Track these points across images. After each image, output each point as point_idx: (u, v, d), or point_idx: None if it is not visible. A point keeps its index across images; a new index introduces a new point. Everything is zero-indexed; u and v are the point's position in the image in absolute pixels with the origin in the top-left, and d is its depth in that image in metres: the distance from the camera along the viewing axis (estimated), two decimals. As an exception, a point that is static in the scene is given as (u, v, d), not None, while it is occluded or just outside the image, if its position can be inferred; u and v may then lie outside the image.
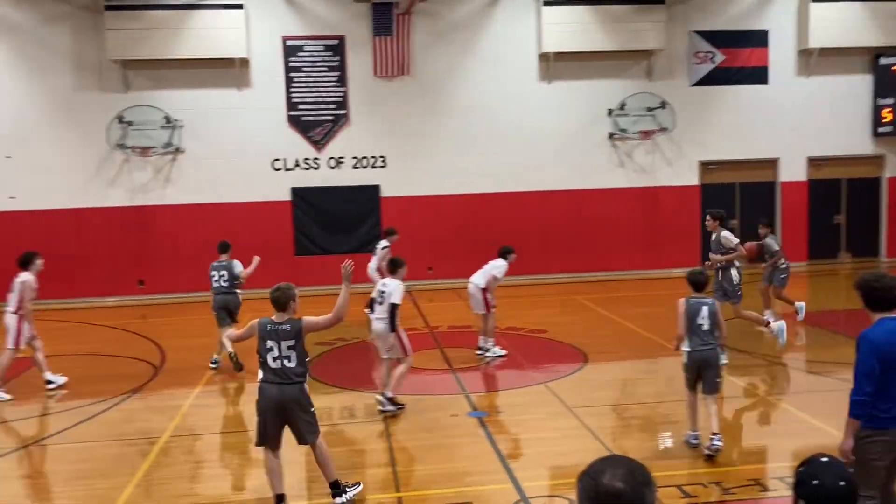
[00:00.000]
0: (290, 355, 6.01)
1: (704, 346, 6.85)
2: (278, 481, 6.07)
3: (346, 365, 11.20)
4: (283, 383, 5.97)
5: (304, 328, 6.13)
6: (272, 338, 6.03)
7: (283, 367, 6.00)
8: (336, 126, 17.56)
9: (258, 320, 6.21)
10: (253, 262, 11.55)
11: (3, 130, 16.47)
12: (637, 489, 2.12)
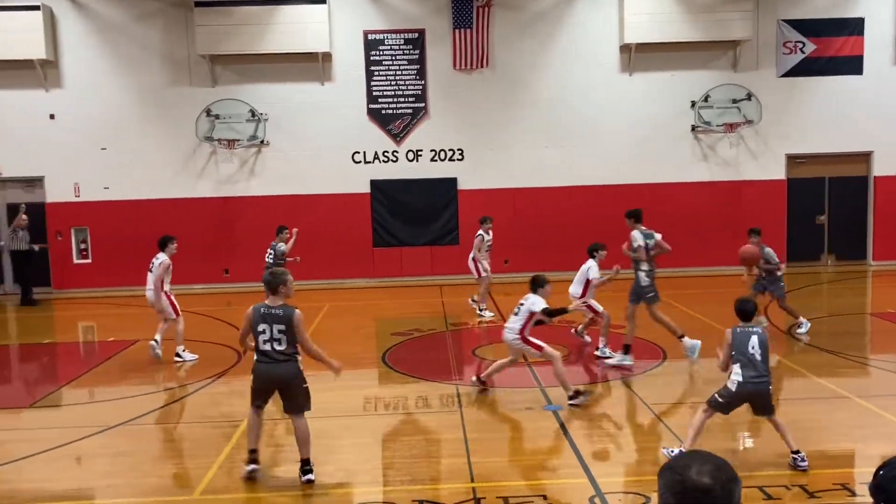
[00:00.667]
0: (280, 338, 6.29)
1: (759, 379, 6.37)
2: (255, 438, 6.59)
3: (422, 355, 11.31)
4: (273, 361, 6.33)
5: (295, 323, 6.35)
6: (265, 321, 6.31)
7: (273, 350, 6.31)
8: (415, 119, 17.71)
9: (252, 307, 6.49)
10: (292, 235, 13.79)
11: (100, 124, 17.24)
12: (725, 485, 2.05)
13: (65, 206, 17.48)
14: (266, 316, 6.33)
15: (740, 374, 6.36)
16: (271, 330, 6.29)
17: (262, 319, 6.32)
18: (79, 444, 7.50)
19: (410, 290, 16.90)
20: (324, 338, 12.23)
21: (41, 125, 17.14)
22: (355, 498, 6.26)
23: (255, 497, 6.29)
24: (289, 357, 6.38)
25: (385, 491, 6.41)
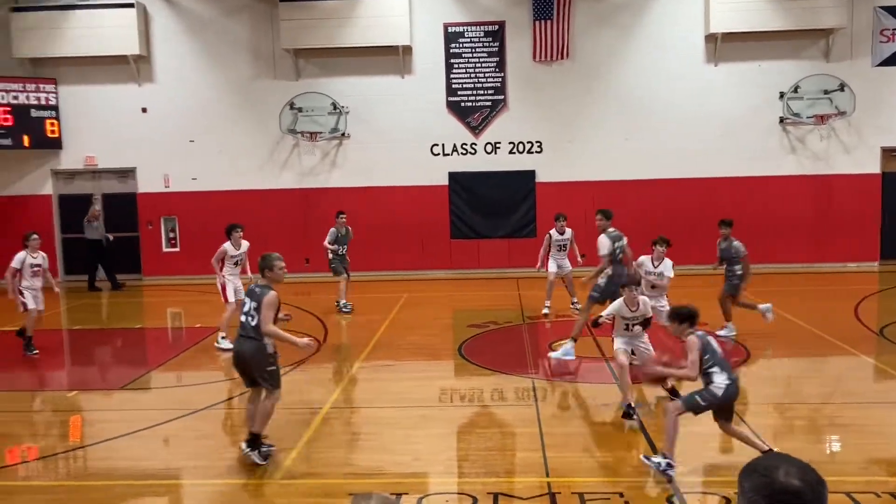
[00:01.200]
0: (254, 315, 6.65)
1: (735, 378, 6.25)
2: (250, 422, 6.85)
3: (498, 348, 11.31)
4: (242, 337, 6.77)
5: (263, 302, 6.61)
6: (249, 296, 6.82)
7: (247, 323, 6.71)
8: (493, 111, 17.67)
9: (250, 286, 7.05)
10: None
11: (188, 117, 17.84)
12: (815, 488, 1.97)
13: (155, 197, 18.17)
14: (251, 292, 6.86)
15: (725, 377, 6.14)
16: (249, 305, 6.72)
17: (248, 295, 6.85)
18: (166, 425, 7.80)
19: (487, 282, 16.91)
20: (401, 328, 12.39)
21: (134, 118, 17.85)
22: (430, 488, 6.31)
23: (333, 483, 6.41)
24: (259, 337, 6.66)
25: (459, 482, 6.45)
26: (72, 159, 18.13)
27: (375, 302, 14.67)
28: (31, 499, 6.32)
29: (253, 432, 6.77)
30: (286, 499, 6.15)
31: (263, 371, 6.74)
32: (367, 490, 6.03)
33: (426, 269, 17.88)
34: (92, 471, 7.05)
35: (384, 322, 12.81)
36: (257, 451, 6.73)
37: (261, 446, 6.77)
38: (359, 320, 12.98)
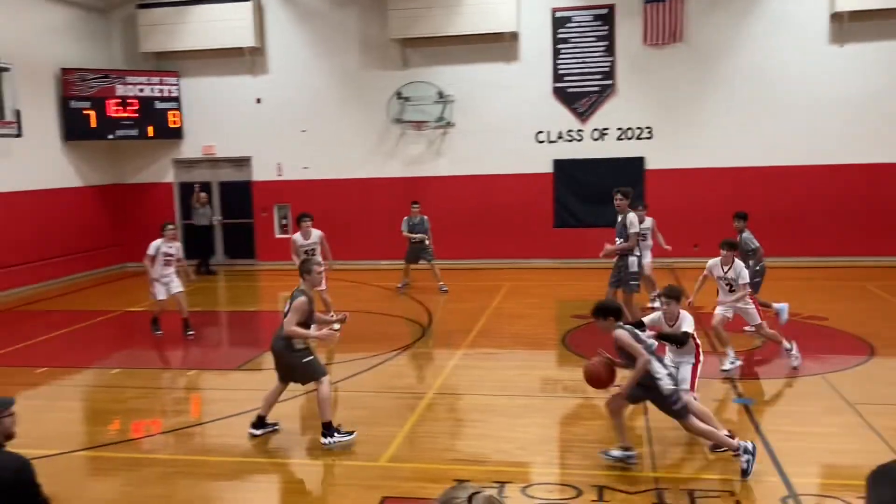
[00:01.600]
0: (287, 314, 7.05)
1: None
2: (264, 405, 7.28)
3: (602, 339, 11.08)
4: (276, 335, 7.15)
5: (293, 308, 7.02)
6: (291, 298, 7.15)
7: (281, 322, 7.12)
8: (601, 97, 17.32)
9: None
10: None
11: (300, 107, 18.33)
12: None
13: (269, 185, 18.80)
14: (292, 295, 7.16)
15: (662, 368, 6.19)
16: (287, 306, 7.13)
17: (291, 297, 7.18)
18: (277, 406, 8.03)
19: (592, 272, 16.60)
20: (504, 317, 12.36)
21: (249, 109, 18.50)
22: (533, 477, 6.28)
23: (437, 468, 6.47)
24: (284, 336, 7.04)
25: (563, 473, 6.39)
26: (191, 149, 18.99)
27: (478, 290, 14.70)
28: (153, 471, 6.67)
29: (324, 423, 6.97)
30: (391, 482, 6.25)
31: (290, 368, 7.13)
32: (471, 477, 6.07)
33: (529, 258, 17.76)
34: (208, 446, 7.38)
35: (487, 310, 12.81)
36: (334, 437, 6.91)
37: (336, 432, 6.95)
38: (461, 308, 13.03)
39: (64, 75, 17.31)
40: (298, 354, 7.12)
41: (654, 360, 6.17)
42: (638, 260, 10.14)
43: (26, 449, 4.49)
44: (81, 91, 17.52)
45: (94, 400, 9.15)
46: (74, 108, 17.46)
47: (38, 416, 7.96)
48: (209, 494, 6.30)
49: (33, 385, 9.34)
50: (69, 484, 6.36)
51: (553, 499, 5.88)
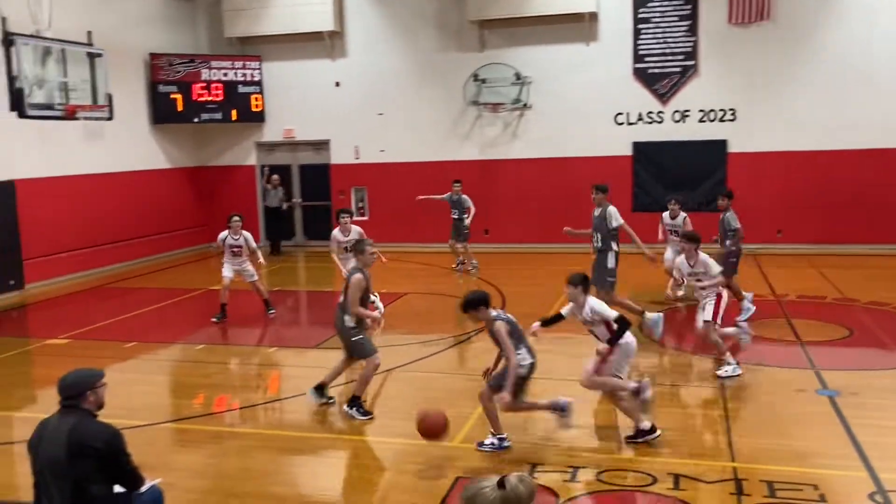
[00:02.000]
0: (343, 294, 7.40)
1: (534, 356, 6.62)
2: (329, 375, 7.65)
3: (682, 326, 10.89)
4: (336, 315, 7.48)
5: (350, 284, 7.31)
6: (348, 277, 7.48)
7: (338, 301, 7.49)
8: (683, 78, 16.87)
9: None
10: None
11: (378, 90, 18.47)
12: None
13: (346, 168, 19.06)
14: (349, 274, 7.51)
15: (527, 354, 6.52)
16: (344, 285, 7.44)
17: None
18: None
19: (671, 257, 16.29)
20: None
21: (328, 92, 18.76)
22: (608, 462, 6.22)
23: (512, 449, 6.48)
24: (341, 313, 7.38)
25: (638, 459, 6.31)
26: (273, 132, 19.39)
27: (553, 274, 14.54)
28: (233, 444, 6.90)
29: (353, 396, 7.37)
30: (465, 462, 6.30)
31: (349, 342, 7.45)
32: (545, 460, 6.06)
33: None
34: (285, 422, 7.59)
35: (560, 295, 12.68)
36: (356, 409, 7.31)
37: (360, 406, 7.33)
38: (535, 292, 12.95)
39: (152, 60, 17.90)
40: (352, 331, 7.40)
41: (522, 351, 6.47)
42: (616, 256, 9.82)
43: (116, 420, 4.70)
44: (168, 76, 18.09)
45: (179, 374, 9.50)
46: (162, 93, 18.05)
47: (127, 389, 8.32)
48: (285, 469, 6.48)
49: (123, 358, 9.76)
50: (156, 454, 6.64)
51: (627, 485, 5.82)
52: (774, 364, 8.72)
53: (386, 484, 6.10)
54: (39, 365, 10.01)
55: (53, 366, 9.16)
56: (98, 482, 4.22)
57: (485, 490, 2.36)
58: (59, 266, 15.36)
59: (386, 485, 6.08)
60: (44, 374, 9.40)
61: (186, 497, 5.73)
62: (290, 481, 6.24)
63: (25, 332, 12.01)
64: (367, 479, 6.32)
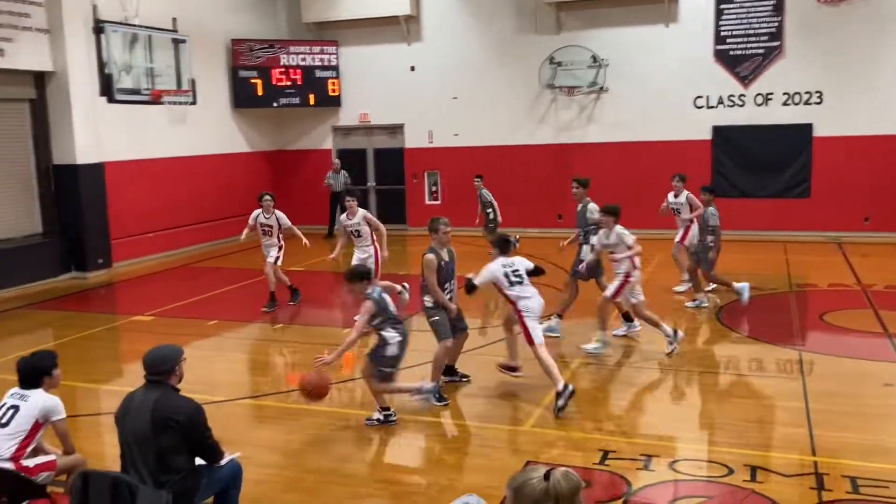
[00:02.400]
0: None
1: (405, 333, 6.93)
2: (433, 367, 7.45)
3: (760, 315, 10.59)
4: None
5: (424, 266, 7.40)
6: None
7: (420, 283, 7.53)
8: (767, 60, 16.31)
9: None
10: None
11: (452, 74, 18.46)
12: None
13: (420, 152, 19.15)
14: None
15: (397, 334, 6.70)
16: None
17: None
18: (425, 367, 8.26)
19: (750, 244, 15.85)
20: (654, 288, 12.03)
21: (403, 77, 18.85)
22: (682, 453, 6.12)
23: (582, 436, 6.44)
24: (422, 295, 7.47)
25: (713, 450, 6.19)
26: (348, 116, 19.63)
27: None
28: (308, 421, 7.06)
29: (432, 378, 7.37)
30: (536, 447, 6.29)
31: (428, 321, 7.47)
32: (618, 449, 6.01)
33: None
34: (358, 402, 7.71)
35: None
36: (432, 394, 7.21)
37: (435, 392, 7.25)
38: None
39: (234, 46, 18.32)
40: (430, 311, 7.45)
41: (390, 330, 6.67)
42: (591, 248, 9.63)
43: (197, 395, 4.88)
44: (249, 61, 18.49)
45: (257, 352, 9.77)
46: (243, 77, 18.47)
47: (208, 366, 8.60)
48: (358, 447, 6.59)
49: (204, 336, 10.09)
50: (235, 429, 6.85)
51: (702, 475, 5.72)
52: (861, 356, 8.41)
53: (457, 465, 6.15)
54: (126, 340, 10.44)
55: (139, 341, 9.55)
56: (180, 454, 4.38)
57: (531, 481, 2.42)
58: (144, 246, 15.95)
59: (457, 466, 6.13)
60: (130, 348, 9.81)
61: (262, 472, 5.90)
62: (363, 459, 6.36)
63: (113, 308, 12.54)
64: (438, 459, 6.38)
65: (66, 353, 9.28)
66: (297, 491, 5.66)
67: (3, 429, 4.71)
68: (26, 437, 4.74)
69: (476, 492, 5.58)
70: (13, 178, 13.88)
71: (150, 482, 4.25)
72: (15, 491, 4.54)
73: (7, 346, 9.77)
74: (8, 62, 13.04)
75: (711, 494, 5.42)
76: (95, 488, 3.96)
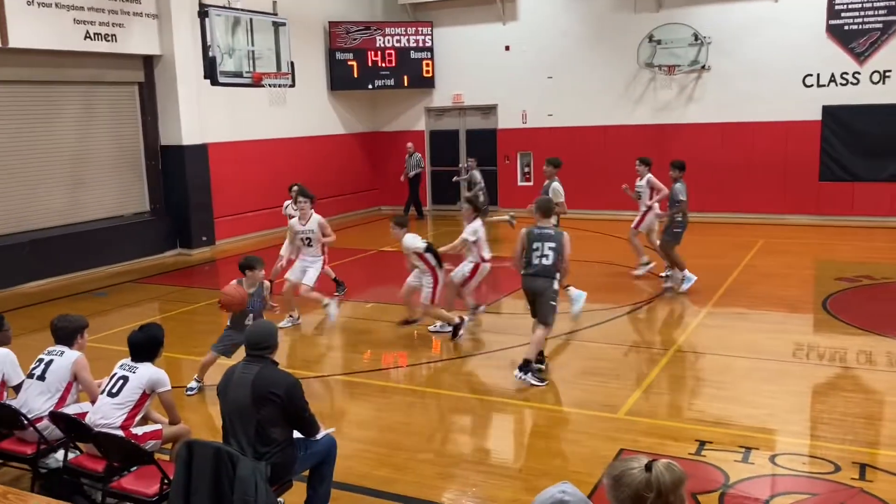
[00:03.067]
0: (548, 254, 7.27)
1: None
2: (533, 347, 7.39)
3: (872, 305, 10.06)
4: (536, 276, 7.32)
5: (564, 242, 7.37)
6: (538, 239, 7.32)
7: (542, 264, 7.29)
8: (885, 34, 15.37)
9: (525, 229, 7.46)
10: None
11: (548, 53, 18.20)
12: None
13: (513, 133, 19.01)
14: (539, 236, 7.36)
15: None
16: (543, 247, 7.30)
17: (536, 239, 7.34)
18: (516, 349, 8.24)
19: (862, 231, 15.07)
20: (756, 275, 11.61)
21: (497, 57, 18.70)
22: (783, 447, 5.88)
23: (677, 426, 6.28)
24: (552, 276, 7.30)
25: (817, 445, 5.92)
26: (442, 97, 19.65)
27: (728, 246, 13.90)
28: (399, 399, 7.16)
29: (525, 358, 7.31)
30: (630, 434, 6.17)
31: (548, 305, 7.37)
32: (714, 440, 5.83)
33: (788, 214, 16.45)
34: (448, 382, 7.75)
35: (737, 268, 12.10)
36: (529, 374, 7.26)
37: (532, 370, 7.29)
38: (711, 264, 12.34)
39: (331, 28, 18.59)
40: (554, 295, 7.42)
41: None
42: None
43: (294, 370, 4.99)
44: (346, 43, 18.73)
45: (350, 330, 9.94)
46: (339, 60, 18.74)
47: (306, 342, 8.81)
48: (448, 427, 6.63)
49: (302, 313, 10.33)
50: (329, 404, 7.00)
51: (806, 471, 5.48)
52: (982, 352, 7.88)
53: (548, 450, 6.10)
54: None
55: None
56: (279, 426, 4.50)
57: (632, 470, 2.35)
58: (245, 224, 16.47)
59: (548, 451, 6.08)
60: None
61: (354, 446, 6.00)
62: (452, 440, 6.39)
63: (215, 283, 13.00)
64: (530, 444, 6.35)
65: (171, 327, 9.69)
66: (387, 467, 5.74)
67: (113, 398, 4.95)
68: (134, 407, 4.96)
69: (567, 478, 5.54)
70: (123, 158, 14.55)
71: (250, 453, 4.38)
72: (125, 457, 4.76)
73: (117, 318, 10.28)
74: (120, 47, 13.64)
75: (816, 491, 5.18)
76: (199, 457, 4.11)
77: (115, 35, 13.51)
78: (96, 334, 8.32)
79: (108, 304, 11.34)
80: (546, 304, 7.36)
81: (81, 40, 12.97)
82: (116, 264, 13.89)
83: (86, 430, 4.86)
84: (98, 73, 13.77)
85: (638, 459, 2.39)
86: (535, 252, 7.29)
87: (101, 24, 13.27)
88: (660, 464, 2.35)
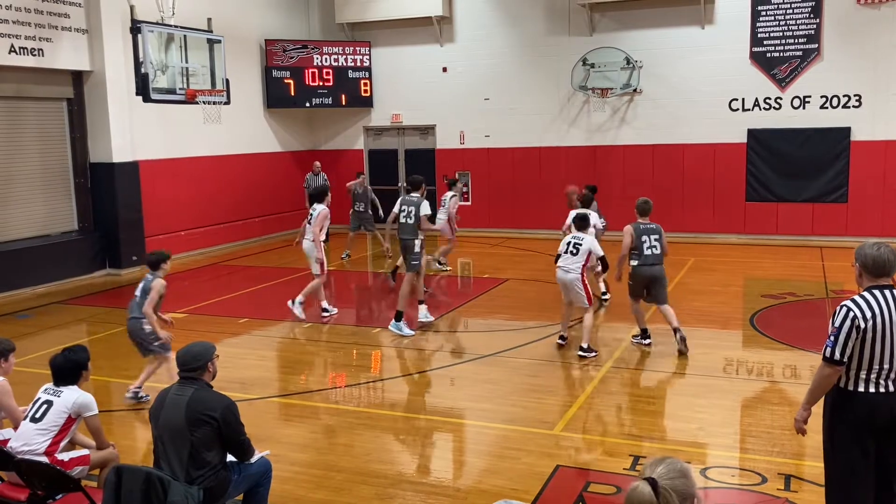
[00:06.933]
0: (656, 245, 8.70)
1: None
2: (641, 319, 9.15)
3: (796, 321, 10.43)
4: (654, 265, 8.74)
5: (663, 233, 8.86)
6: (646, 234, 8.71)
7: (654, 255, 8.68)
8: (804, 62, 16.07)
9: (631, 225, 8.75)
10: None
11: (485, 75, 18.44)
12: None
13: (451, 153, 19.15)
14: (646, 230, 8.72)
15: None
16: (650, 240, 8.68)
17: (644, 233, 8.69)
18: (454, 367, 8.28)
19: (786, 249, 15.64)
20: (686, 292, 11.92)
21: (435, 78, 18.87)
22: (714, 460, 6.04)
23: (612, 441, 6.38)
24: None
25: (746, 458, 6.09)
26: (380, 117, 19.69)
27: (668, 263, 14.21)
28: (336, 420, 7.10)
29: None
30: (566, 451, 6.24)
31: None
32: (648, 454, 5.93)
33: (716, 233, 16.97)
34: (387, 402, 7.72)
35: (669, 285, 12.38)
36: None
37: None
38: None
39: (267, 46, 18.47)
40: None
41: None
42: (421, 242, 10.05)
43: (229, 392, 4.90)
44: (282, 61, 18.63)
45: (288, 350, 9.82)
46: (276, 77, 18.62)
47: (240, 363, 8.67)
48: (386, 447, 6.60)
49: (236, 333, 10.18)
50: (264, 426, 6.89)
51: (734, 483, 5.63)
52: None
53: (485, 468, 6.12)
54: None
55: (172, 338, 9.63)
56: (213, 449, 4.41)
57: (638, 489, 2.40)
58: (177, 243, 16.10)
59: (485, 469, 6.10)
60: (163, 345, 9.88)
61: (291, 469, 5.92)
62: (390, 459, 6.36)
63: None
64: (468, 462, 6.36)
65: (100, 349, 9.42)
66: (324, 489, 5.68)
67: (37, 424, 4.78)
68: (59, 432, 4.80)
69: (505, 496, 5.57)
70: (51, 175, 14.13)
71: (182, 477, 4.28)
72: (50, 484, 4.60)
73: (42, 341, 9.94)
74: (47, 62, 13.29)
75: (745, 503, 5.33)
76: (129, 483, 4.00)
77: (42, 49, 13.16)
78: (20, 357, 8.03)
79: (33, 326, 10.95)
80: (665, 287, 8.85)
81: (6, 54, 12.59)
82: (42, 285, 13.44)
83: (7, 458, 4.68)
84: (24, 88, 13.37)
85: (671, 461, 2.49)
86: (644, 245, 8.61)
87: (26, 38, 12.92)
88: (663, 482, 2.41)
